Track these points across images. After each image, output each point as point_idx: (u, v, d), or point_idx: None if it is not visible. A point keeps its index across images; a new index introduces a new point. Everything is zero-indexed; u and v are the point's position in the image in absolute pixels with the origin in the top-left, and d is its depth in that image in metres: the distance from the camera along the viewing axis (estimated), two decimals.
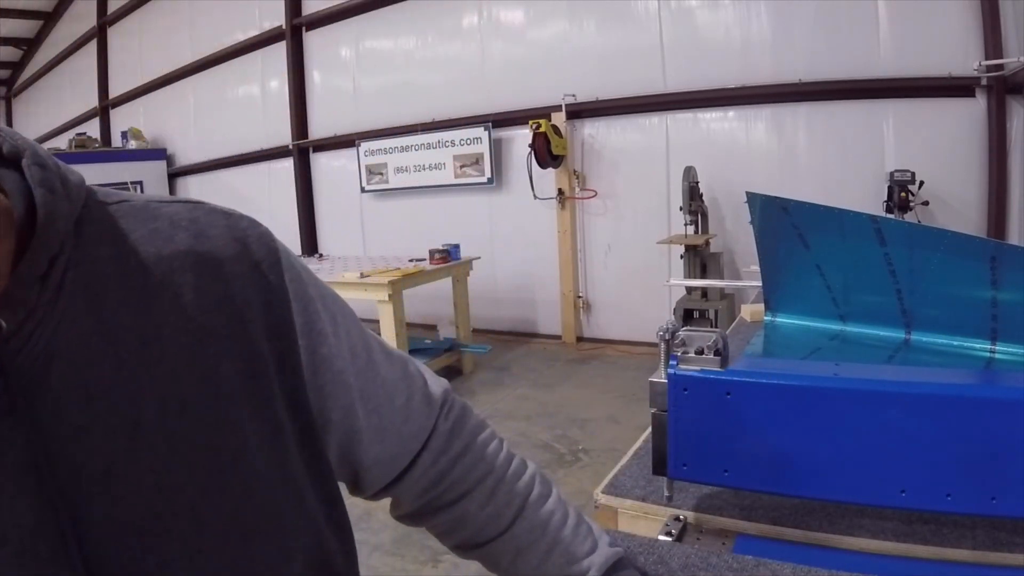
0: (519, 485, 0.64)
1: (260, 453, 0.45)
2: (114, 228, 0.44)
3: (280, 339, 0.47)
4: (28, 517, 0.37)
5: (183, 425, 0.42)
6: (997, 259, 0.96)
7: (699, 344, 0.83)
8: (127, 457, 0.39)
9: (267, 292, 0.47)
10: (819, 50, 4.52)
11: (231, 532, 0.43)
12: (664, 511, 0.89)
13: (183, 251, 0.45)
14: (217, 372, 0.44)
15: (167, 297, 0.43)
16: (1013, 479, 0.72)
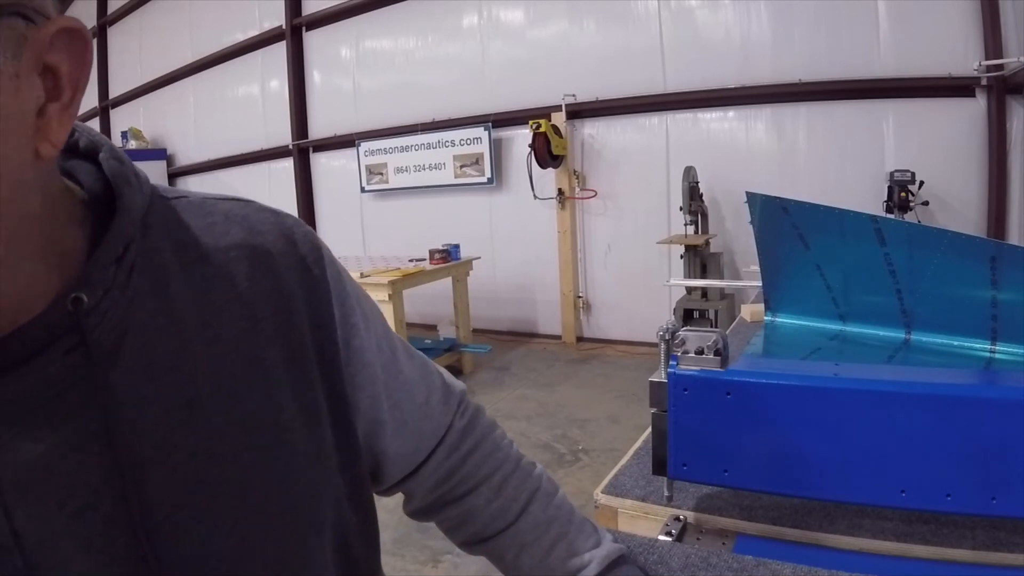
0: (526, 482, 0.66)
1: (300, 432, 0.49)
2: (175, 220, 0.48)
3: (320, 328, 0.51)
4: (93, 479, 0.40)
5: (234, 402, 0.45)
6: (997, 259, 0.96)
7: (699, 344, 0.83)
8: (183, 428, 0.43)
9: (311, 285, 0.51)
10: (819, 50, 4.52)
11: (272, 503, 0.46)
12: (664, 511, 0.89)
13: (237, 244, 0.49)
14: (265, 355, 0.47)
15: (223, 285, 0.47)
16: (1013, 479, 0.72)
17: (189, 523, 0.43)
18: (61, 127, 0.37)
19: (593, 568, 0.64)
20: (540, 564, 0.64)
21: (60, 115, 0.37)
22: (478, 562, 2.48)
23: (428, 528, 2.87)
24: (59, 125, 0.37)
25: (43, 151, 0.36)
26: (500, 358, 5.37)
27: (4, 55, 0.33)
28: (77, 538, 0.40)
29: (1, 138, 0.33)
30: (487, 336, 5.92)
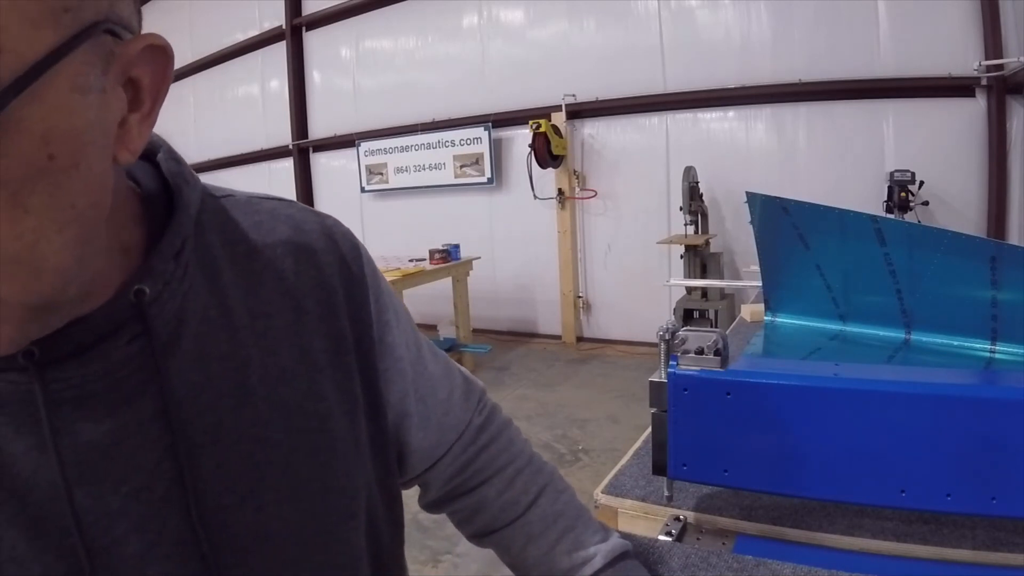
0: (536, 477, 0.69)
1: (340, 421, 0.52)
2: (225, 217, 0.51)
3: (359, 323, 0.54)
4: (149, 461, 0.43)
5: (281, 390, 0.48)
6: (997, 259, 0.96)
7: (699, 344, 0.83)
8: (234, 414, 0.46)
9: (350, 281, 0.54)
10: (819, 50, 4.52)
11: (314, 486, 0.49)
12: (664, 511, 0.89)
13: (283, 240, 0.52)
14: (310, 346, 0.51)
15: (271, 279, 0.50)
16: (1013, 479, 0.72)
17: (238, 504, 0.45)
18: (140, 137, 0.39)
19: (598, 561, 0.65)
20: (546, 556, 0.66)
21: (139, 125, 0.39)
22: (478, 562, 2.48)
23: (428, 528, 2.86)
24: (138, 135, 0.39)
25: (121, 158, 0.38)
26: (500, 358, 5.37)
27: (94, 71, 0.34)
28: (132, 518, 0.42)
29: (88, 148, 0.35)
30: (487, 336, 5.92)
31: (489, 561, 0.88)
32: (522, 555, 0.67)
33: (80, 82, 0.33)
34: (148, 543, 0.43)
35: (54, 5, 0.31)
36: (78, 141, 0.34)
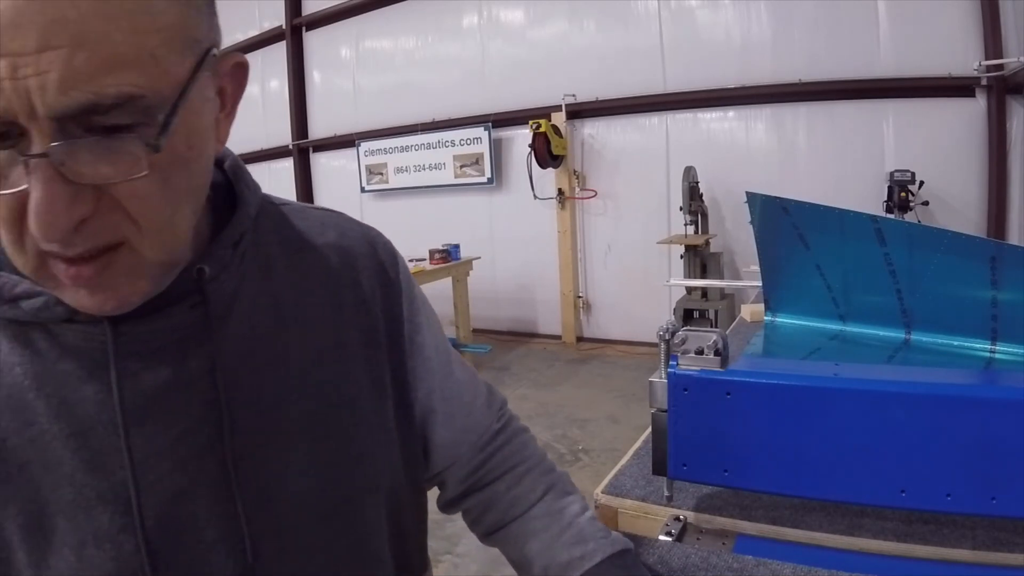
0: (544, 477, 0.74)
1: (367, 402, 0.59)
2: (283, 220, 0.60)
3: (392, 321, 0.63)
4: (195, 412, 0.50)
5: (316, 370, 0.56)
6: (997, 259, 0.96)
7: (699, 344, 0.83)
8: (273, 385, 0.54)
9: (386, 284, 0.63)
10: (819, 50, 4.52)
11: (338, 456, 0.56)
12: (664, 511, 0.89)
13: (330, 243, 0.61)
14: (346, 336, 0.59)
15: (317, 274, 0.59)
16: (1013, 479, 0.72)
17: (268, 460, 0.52)
18: (224, 132, 0.50)
19: (597, 556, 0.66)
20: (547, 549, 0.68)
21: (224, 122, 0.49)
22: (478, 562, 2.48)
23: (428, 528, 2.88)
24: (224, 131, 0.49)
25: (217, 149, 0.49)
26: (500, 358, 5.37)
27: (209, 83, 0.45)
28: (175, 459, 0.49)
29: (206, 141, 0.46)
30: (487, 336, 5.92)
31: (489, 561, 0.88)
32: (525, 549, 0.70)
33: (204, 92, 0.44)
34: (187, 481, 0.49)
35: (189, 38, 0.42)
36: (202, 136, 0.45)
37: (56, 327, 0.48)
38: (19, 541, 0.48)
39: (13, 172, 0.39)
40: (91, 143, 0.38)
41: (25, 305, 0.47)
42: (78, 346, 0.48)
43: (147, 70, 0.39)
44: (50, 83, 0.36)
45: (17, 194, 0.39)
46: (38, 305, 0.47)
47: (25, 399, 0.48)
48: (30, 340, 0.49)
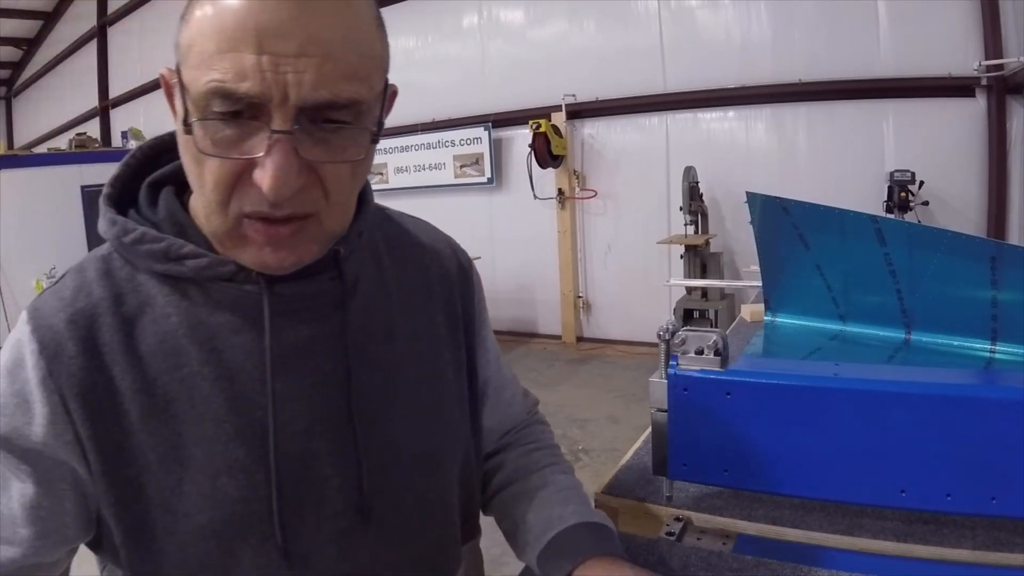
0: (550, 457, 0.82)
1: (451, 376, 0.71)
2: (384, 220, 0.73)
3: (467, 313, 0.74)
4: (327, 365, 0.60)
5: (414, 344, 0.67)
6: (997, 259, 0.96)
7: (699, 344, 0.83)
8: (382, 349, 0.64)
9: (464, 281, 0.75)
10: (819, 50, 4.52)
11: (430, 420, 0.68)
12: (664, 511, 0.89)
13: (422, 243, 0.74)
14: (435, 319, 0.71)
15: (412, 267, 0.71)
16: (1013, 479, 0.72)
17: (379, 413, 0.63)
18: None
19: (573, 520, 0.70)
20: (534, 508, 0.74)
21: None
22: None
23: None
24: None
25: None
26: None
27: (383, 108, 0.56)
28: (308, 403, 0.59)
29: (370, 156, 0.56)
30: None
31: (490, 561, 0.88)
32: (516, 509, 0.75)
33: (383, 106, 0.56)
34: (314, 421, 0.59)
35: (384, 67, 0.55)
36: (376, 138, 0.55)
37: (213, 284, 0.57)
38: (157, 468, 0.55)
39: (249, 143, 0.49)
40: (327, 129, 0.50)
41: (190, 264, 0.56)
42: (234, 302, 0.57)
43: (365, 84, 0.51)
44: (305, 81, 0.47)
45: (245, 160, 0.49)
46: (203, 264, 0.56)
47: (179, 345, 0.56)
48: (186, 294, 0.57)
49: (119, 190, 0.62)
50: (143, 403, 0.55)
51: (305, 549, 0.59)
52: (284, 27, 0.47)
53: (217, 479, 0.56)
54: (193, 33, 0.50)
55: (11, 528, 0.56)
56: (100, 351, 0.55)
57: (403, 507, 0.64)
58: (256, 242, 0.53)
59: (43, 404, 0.54)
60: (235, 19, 0.47)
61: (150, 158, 0.65)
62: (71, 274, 0.60)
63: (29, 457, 0.55)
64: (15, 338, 0.56)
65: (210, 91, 0.48)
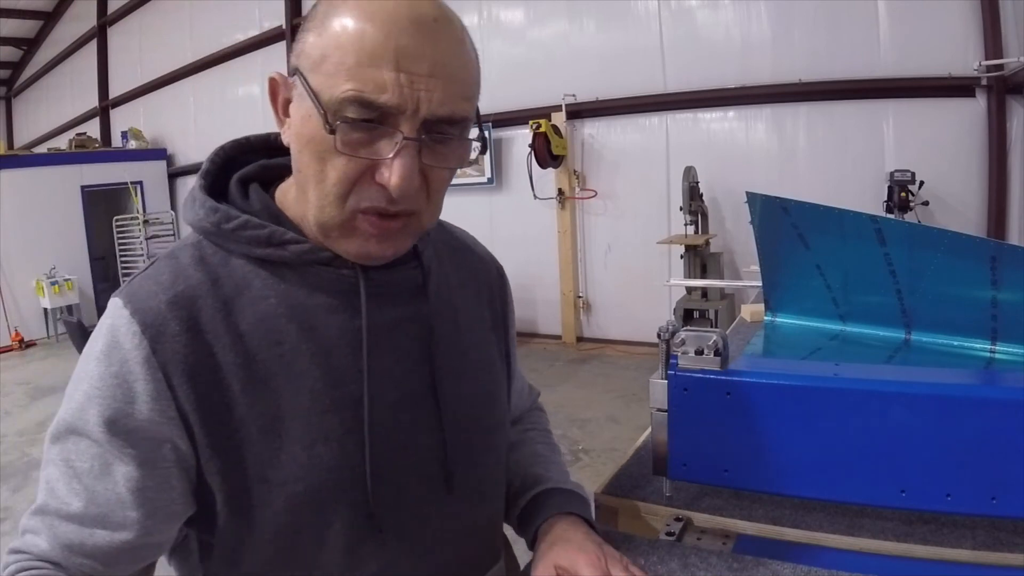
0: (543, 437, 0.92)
1: (498, 362, 0.80)
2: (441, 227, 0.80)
3: (504, 311, 0.84)
4: (410, 340, 0.68)
5: (472, 333, 0.76)
6: (997, 259, 0.96)
7: (699, 344, 0.83)
8: (453, 334, 0.72)
9: (501, 284, 0.85)
10: (819, 50, 4.52)
11: (486, 398, 0.76)
12: (664, 511, 0.89)
13: (469, 247, 0.84)
14: (483, 313, 0.80)
15: (464, 268, 0.79)
16: (1013, 479, 0.72)
17: (453, 388, 0.70)
18: None
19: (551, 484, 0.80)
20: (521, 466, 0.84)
21: None
22: None
23: None
24: None
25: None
26: None
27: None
28: (394, 376, 0.66)
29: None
30: None
31: None
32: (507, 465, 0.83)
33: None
34: (402, 395, 0.66)
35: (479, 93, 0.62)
36: None
37: (310, 268, 0.63)
38: (257, 439, 0.59)
39: (377, 146, 0.56)
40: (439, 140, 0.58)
41: (292, 248, 0.62)
42: (330, 285, 0.64)
43: (472, 104, 0.60)
44: (435, 98, 0.56)
45: (370, 161, 0.57)
46: (304, 249, 0.62)
47: (277, 324, 0.62)
48: (283, 278, 0.63)
49: (209, 184, 0.68)
50: (244, 378, 0.59)
51: (392, 514, 0.65)
52: (418, 51, 0.55)
53: (313, 448, 0.60)
54: (328, 45, 0.56)
55: (120, 512, 0.59)
56: (202, 329, 0.59)
57: (476, 477, 0.72)
58: (365, 233, 0.60)
59: (146, 382, 0.57)
60: (376, 39, 0.54)
61: (231, 157, 0.71)
62: (163, 261, 0.64)
63: (133, 438, 0.58)
64: (107, 324, 0.60)
65: (348, 99, 0.54)
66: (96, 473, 0.59)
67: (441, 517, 0.69)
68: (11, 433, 4.43)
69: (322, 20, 0.57)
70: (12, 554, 0.62)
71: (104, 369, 0.58)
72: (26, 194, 7.48)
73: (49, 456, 0.62)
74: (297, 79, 0.59)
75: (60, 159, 8.19)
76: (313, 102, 0.56)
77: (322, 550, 0.63)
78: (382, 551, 0.65)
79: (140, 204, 8.22)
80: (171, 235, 8.12)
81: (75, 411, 0.59)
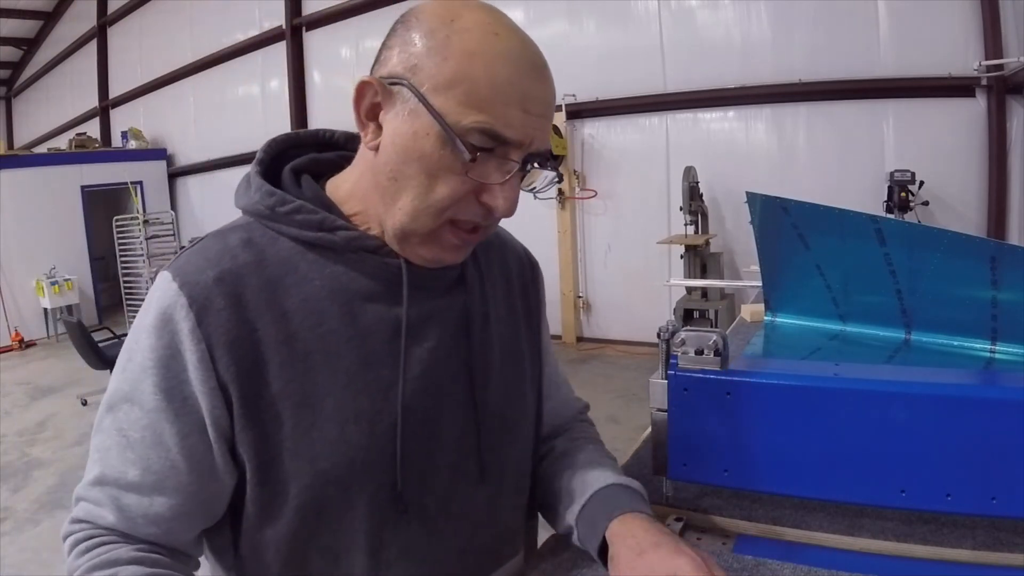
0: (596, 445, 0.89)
1: (527, 359, 0.82)
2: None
3: (536, 304, 0.86)
4: (449, 329, 0.71)
5: (504, 325, 0.78)
6: (997, 259, 0.96)
7: (699, 344, 0.83)
8: (483, 327, 0.74)
9: (535, 280, 0.87)
10: (819, 50, 4.52)
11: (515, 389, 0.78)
12: (664, 511, 0.89)
13: (503, 243, 0.85)
14: (515, 306, 0.82)
15: (496, 263, 0.81)
16: (1013, 479, 0.72)
17: (485, 375, 0.73)
18: None
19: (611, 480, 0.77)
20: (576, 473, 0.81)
21: None
22: None
23: None
24: None
25: None
26: None
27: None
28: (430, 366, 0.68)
29: None
30: None
31: None
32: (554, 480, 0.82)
33: None
34: (434, 382, 0.68)
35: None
36: None
37: (356, 255, 0.66)
38: (291, 414, 0.62)
39: (488, 170, 0.61)
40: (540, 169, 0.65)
41: (341, 235, 0.65)
42: (374, 272, 0.66)
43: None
44: (543, 136, 0.63)
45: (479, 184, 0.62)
46: (354, 236, 0.66)
47: (320, 305, 0.64)
48: (327, 262, 0.66)
49: (263, 172, 0.71)
50: (284, 354, 0.62)
51: (417, 498, 0.67)
52: (538, 94, 0.63)
53: (345, 425, 0.63)
54: (459, 72, 0.59)
55: (175, 478, 0.62)
56: (246, 306, 0.62)
57: (501, 467, 0.74)
58: (447, 243, 0.65)
59: (192, 352, 0.60)
60: (509, 79, 0.60)
61: (282, 150, 0.74)
62: (211, 239, 0.67)
63: (185, 406, 0.61)
64: (156, 297, 0.62)
65: (478, 129, 0.59)
66: (149, 442, 0.61)
67: (465, 504, 0.71)
68: (11, 433, 4.43)
69: (445, 43, 0.60)
70: (74, 523, 0.65)
71: (156, 340, 0.60)
72: (26, 194, 7.48)
73: (101, 425, 0.64)
74: (408, 92, 0.61)
75: (60, 159, 8.20)
76: (439, 123, 0.59)
77: (344, 528, 0.65)
78: (404, 533, 0.67)
79: (140, 204, 8.22)
80: (171, 235, 8.12)
81: (131, 381, 0.62)
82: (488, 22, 0.61)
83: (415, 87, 0.60)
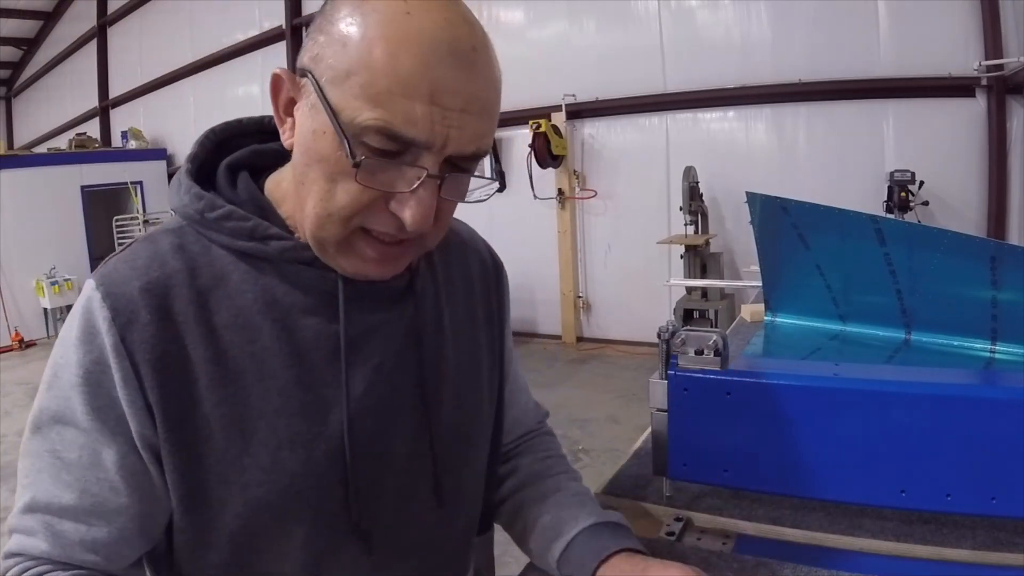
0: (562, 465, 0.85)
1: (486, 367, 0.76)
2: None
3: (500, 308, 0.80)
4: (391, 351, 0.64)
5: (461, 333, 0.72)
6: (997, 259, 0.96)
7: (699, 344, 0.83)
8: (435, 338, 0.69)
9: (498, 280, 0.81)
10: (819, 50, 4.52)
11: (470, 401, 0.72)
12: (664, 511, 0.89)
13: (463, 243, 0.78)
14: (475, 311, 0.76)
15: (456, 265, 0.75)
16: (1013, 479, 0.72)
17: (441, 382, 0.68)
18: None
19: (592, 519, 0.71)
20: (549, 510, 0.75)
21: None
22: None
23: None
24: None
25: None
26: None
27: None
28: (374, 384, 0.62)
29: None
30: None
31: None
32: (528, 513, 0.77)
33: None
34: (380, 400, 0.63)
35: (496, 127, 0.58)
36: None
37: (291, 267, 0.60)
38: (220, 437, 0.57)
39: (394, 178, 0.53)
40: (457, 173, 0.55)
41: (274, 244, 0.59)
42: (310, 285, 0.60)
43: (493, 136, 0.57)
44: (464, 136, 0.52)
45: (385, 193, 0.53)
46: (287, 246, 0.59)
47: (252, 320, 0.58)
48: (262, 273, 0.60)
49: (196, 168, 0.64)
50: (213, 373, 0.57)
51: (366, 523, 0.62)
52: (454, 85, 0.51)
53: (278, 452, 0.58)
54: (355, 62, 0.50)
55: (115, 500, 0.58)
56: (174, 320, 0.56)
57: (453, 487, 0.70)
58: (364, 255, 0.57)
59: (117, 369, 0.55)
60: (412, 68, 0.49)
61: (222, 141, 0.69)
62: (141, 244, 0.61)
63: (120, 425, 0.56)
64: (82, 306, 0.57)
65: (374, 127, 0.50)
66: (86, 463, 0.57)
67: (417, 529, 0.67)
68: (11, 433, 4.43)
69: (346, 28, 0.51)
70: (8, 558, 0.59)
71: (83, 355, 0.56)
72: (26, 194, 7.48)
73: (29, 448, 0.59)
74: (310, 85, 0.54)
75: (60, 159, 8.19)
76: (332, 121, 0.51)
77: (282, 559, 0.61)
78: (348, 562, 0.63)
79: (140, 204, 8.21)
80: None
81: (59, 399, 0.57)
82: (402, 2, 0.51)
83: (316, 79, 0.53)
